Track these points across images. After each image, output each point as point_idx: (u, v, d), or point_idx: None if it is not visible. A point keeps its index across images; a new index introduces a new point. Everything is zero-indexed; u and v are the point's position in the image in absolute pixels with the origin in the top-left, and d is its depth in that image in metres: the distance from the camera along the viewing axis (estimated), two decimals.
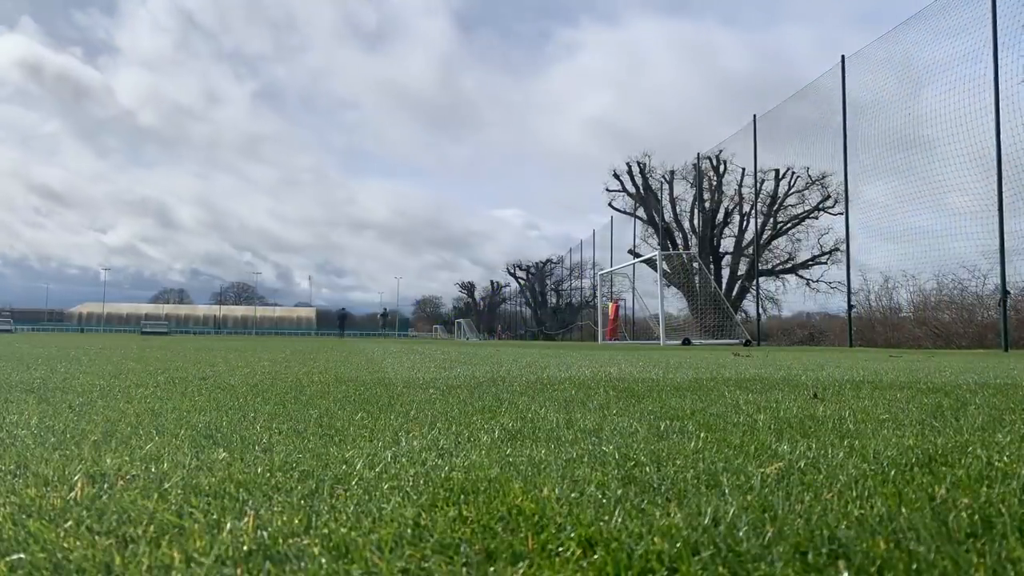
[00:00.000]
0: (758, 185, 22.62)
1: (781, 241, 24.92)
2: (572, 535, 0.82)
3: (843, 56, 16.07)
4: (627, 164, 31.50)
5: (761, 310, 22.89)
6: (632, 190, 31.70)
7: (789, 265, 24.65)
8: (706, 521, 0.87)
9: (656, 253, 22.16)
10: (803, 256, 24.10)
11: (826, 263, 22.55)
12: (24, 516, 0.89)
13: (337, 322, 40.50)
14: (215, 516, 0.90)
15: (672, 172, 29.74)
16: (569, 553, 0.77)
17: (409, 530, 0.84)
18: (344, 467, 1.22)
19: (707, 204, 27.79)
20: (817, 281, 23.07)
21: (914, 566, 0.72)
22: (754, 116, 20.42)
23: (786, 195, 24.00)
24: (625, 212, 32.08)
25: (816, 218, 23.19)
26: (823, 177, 21.37)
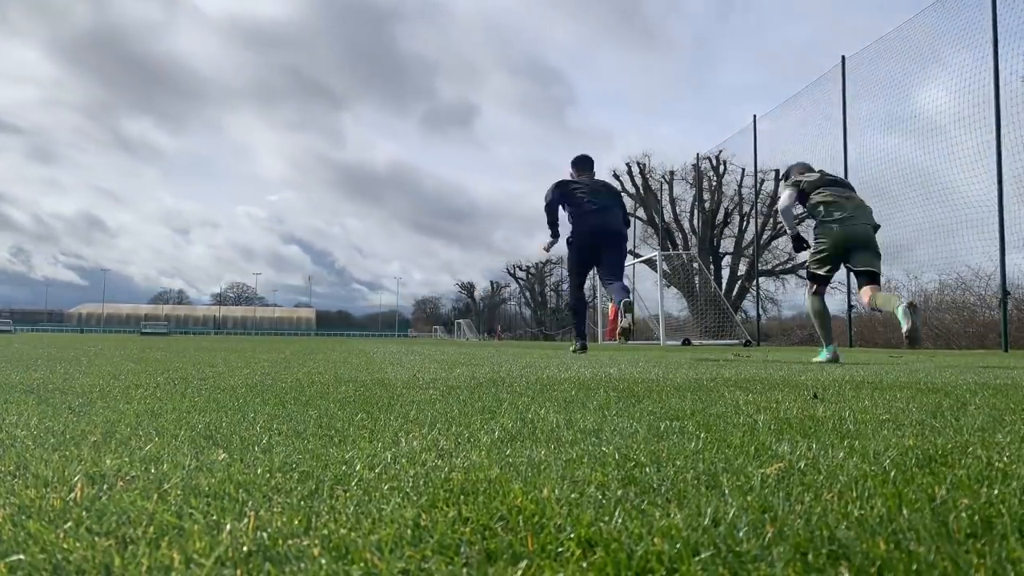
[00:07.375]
0: (758, 185, 22.62)
1: (781, 241, 24.92)
2: (572, 535, 0.82)
3: (843, 56, 16.08)
4: (627, 164, 31.51)
5: (761, 310, 22.94)
6: (632, 190, 31.69)
7: (789, 265, 24.63)
8: (706, 522, 0.87)
9: (656, 253, 22.15)
10: (803, 256, 24.11)
11: None
12: (24, 517, 0.89)
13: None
14: (215, 517, 0.90)
15: (672, 172, 29.76)
16: (569, 553, 0.77)
17: (409, 531, 0.84)
18: (344, 468, 1.22)
19: (707, 204, 27.78)
20: None
21: (914, 567, 0.72)
22: (754, 116, 20.43)
23: None
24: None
25: None
26: None
